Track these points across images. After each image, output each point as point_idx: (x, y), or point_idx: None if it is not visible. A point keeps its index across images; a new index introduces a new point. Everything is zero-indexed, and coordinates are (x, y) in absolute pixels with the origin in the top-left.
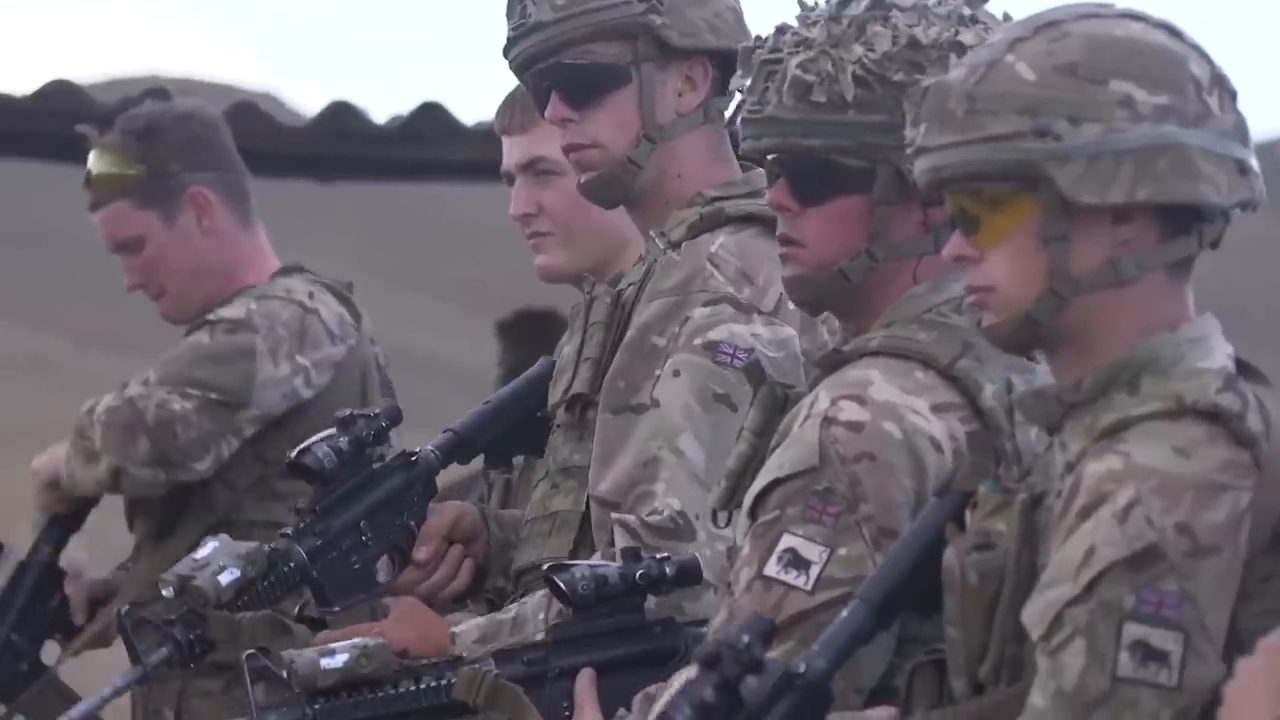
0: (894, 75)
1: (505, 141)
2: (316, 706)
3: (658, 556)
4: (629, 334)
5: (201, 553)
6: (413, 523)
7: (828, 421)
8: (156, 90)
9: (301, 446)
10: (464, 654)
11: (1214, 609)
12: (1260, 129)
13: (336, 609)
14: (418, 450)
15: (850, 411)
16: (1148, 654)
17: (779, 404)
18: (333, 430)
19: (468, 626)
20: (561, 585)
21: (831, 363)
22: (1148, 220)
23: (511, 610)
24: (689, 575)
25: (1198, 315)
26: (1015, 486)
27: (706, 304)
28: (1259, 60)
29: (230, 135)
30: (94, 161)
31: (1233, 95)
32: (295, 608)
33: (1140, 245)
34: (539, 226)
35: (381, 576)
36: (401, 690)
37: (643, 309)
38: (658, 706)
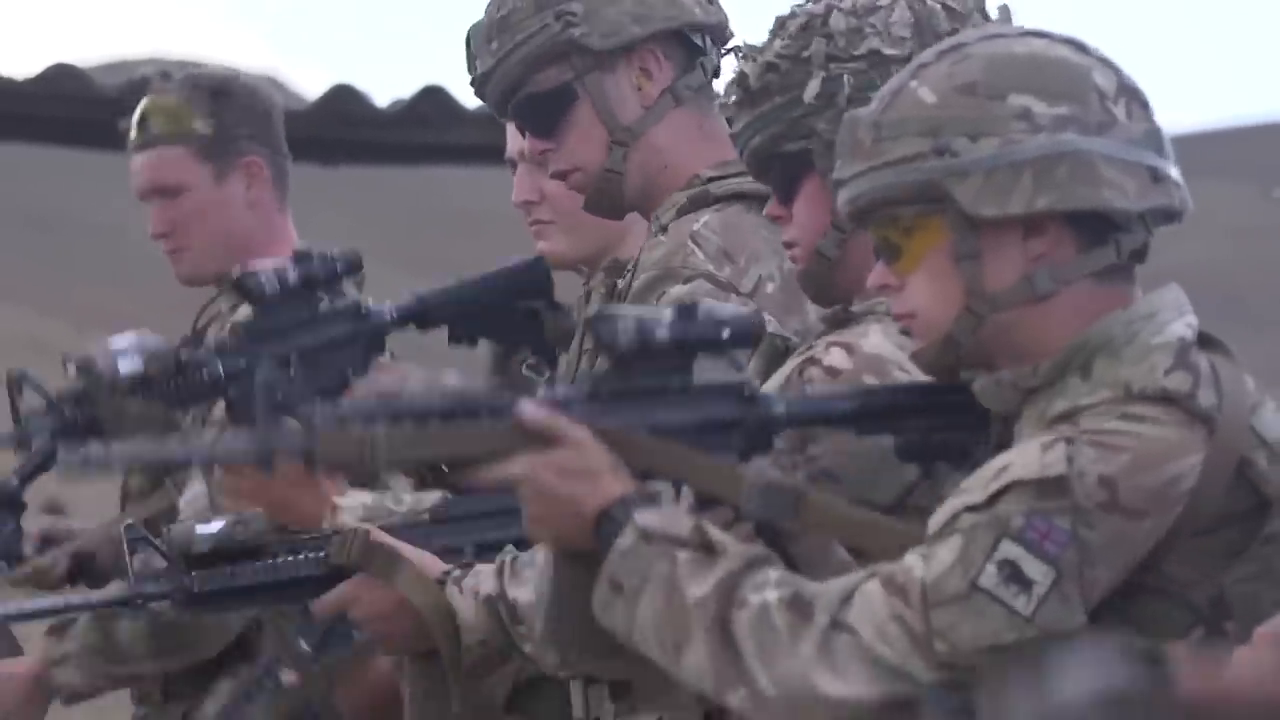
0: (799, 52)
1: (509, 128)
2: (194, 574)
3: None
4: (623, 282)
5: (118, 343)
6: (350, 371)
7: (809, 362)
8: (159, 73)
9: (249, 270)
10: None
11: (1104, 565)
12: (1259, 113)
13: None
14: (373, 305)
15: (835, 358)
16: (1013, 575)
17: (779, 355)
18: (286, 261)
19: (353, 503)
20: (601, 334)
21: (839, 319)
22: (1060, 232)
23: (406, 501)
24: (746, 334)
25: (1161, 288)
26: None
27: (685, 280)
28: (1249, 48)
29: (283, 118)
30: (154, 107)
31: (1143, 104)
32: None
33: (1055, 258)
34: (540, 214)
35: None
36: (279, 560)
37: (625, 286)
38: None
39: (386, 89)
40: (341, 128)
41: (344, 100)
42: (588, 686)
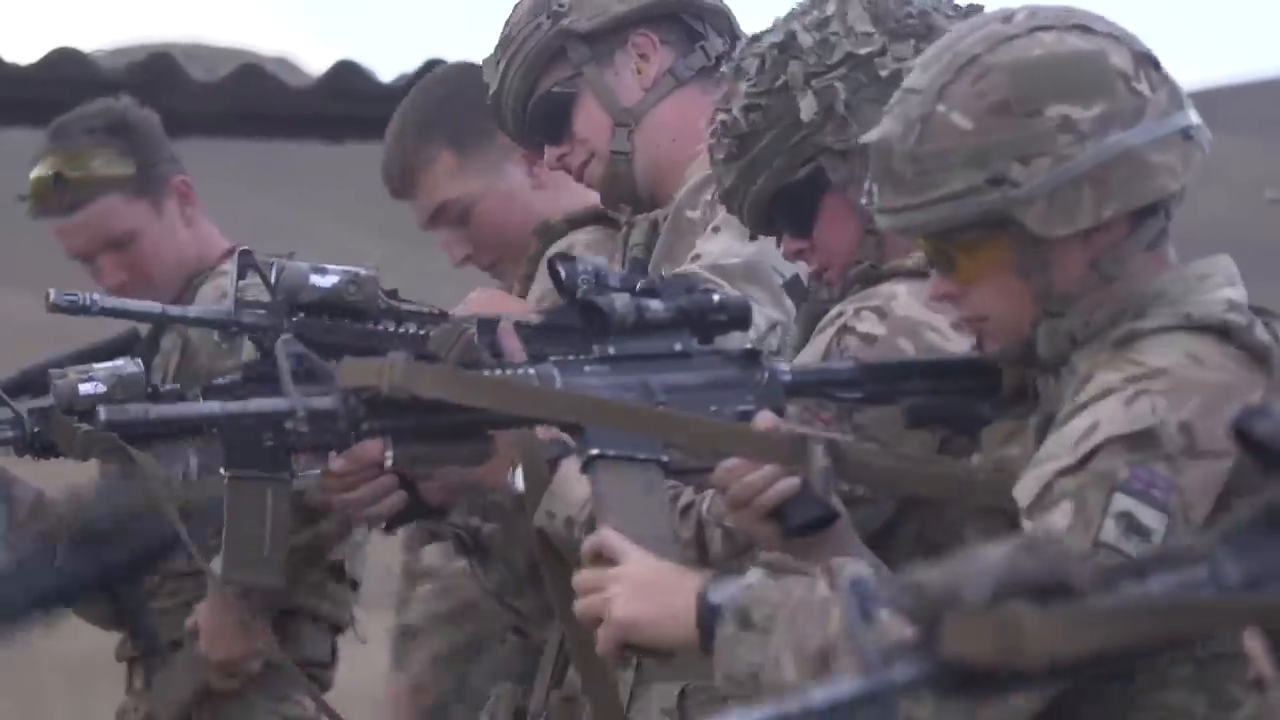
0: (774, 83)
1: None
2: (294, 319)
3: (704, 288)
4: (665, 221)
5: (100, 366)
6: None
7: (844, 330)
8: (162, 57)
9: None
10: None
11: (1198, 508)
12: (1268, 68)
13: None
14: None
15: (868, 324)
16: (1131, 526)
17: (817, 320)
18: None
19: None
20: (601, 307)
21: (867, 277)
22: (1119, 221)
23: None
24: (739, 317)
25: (1213, 255)
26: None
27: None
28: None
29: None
30: (62, 165)
31: (1156, 66)
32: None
33: (1115, 241)
34: (483, 260)
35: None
36: (379, 328)
37: (670, 206)
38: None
39: (390, 64)
40: (346, 104)
41: (348, 76)
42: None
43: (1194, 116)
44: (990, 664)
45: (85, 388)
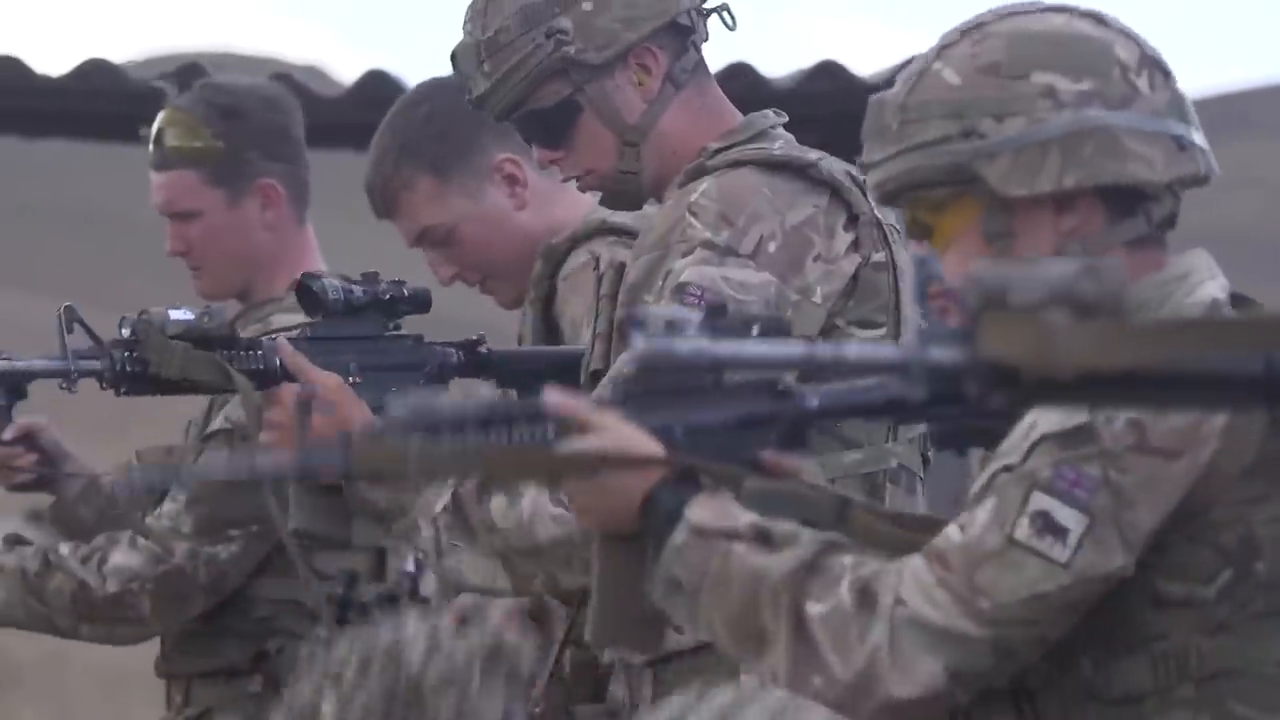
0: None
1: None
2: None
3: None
4: (620, 296)
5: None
6: None
7: None
8: (192, 68)
9: (314, 273)
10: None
11: (1145, 507)
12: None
13: None
14: (440, 343)
15: None
16: (1046, 526)
17: None
18: (352, 279)
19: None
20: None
21: None
22: (1090, 206)
23: None
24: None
25: (1188, 250)
26: None
27: (684, 255)
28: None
29: (302, 127)
30: (168, 122)
31: (1165, 73)
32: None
33: (1086, 231)
34: (471, 278)
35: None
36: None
37: (630, 268)
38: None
39: (421, 72)
40: (377, 113)
41: (378, 85)
42: (628, 672)
43: (1197, 137)
44: (1021, 366)
45: (176, 314)
